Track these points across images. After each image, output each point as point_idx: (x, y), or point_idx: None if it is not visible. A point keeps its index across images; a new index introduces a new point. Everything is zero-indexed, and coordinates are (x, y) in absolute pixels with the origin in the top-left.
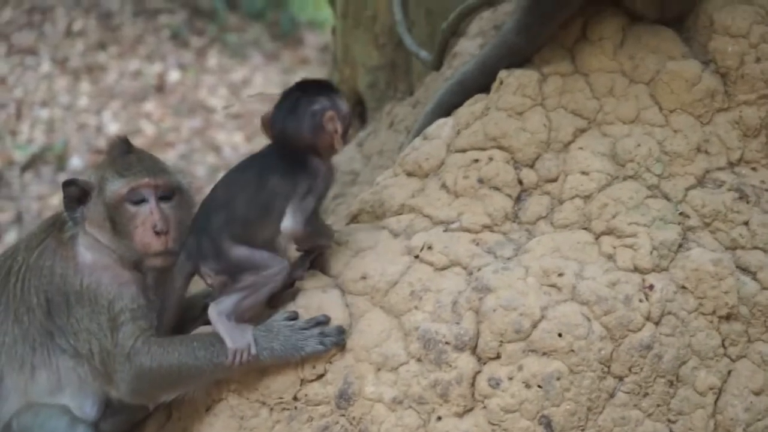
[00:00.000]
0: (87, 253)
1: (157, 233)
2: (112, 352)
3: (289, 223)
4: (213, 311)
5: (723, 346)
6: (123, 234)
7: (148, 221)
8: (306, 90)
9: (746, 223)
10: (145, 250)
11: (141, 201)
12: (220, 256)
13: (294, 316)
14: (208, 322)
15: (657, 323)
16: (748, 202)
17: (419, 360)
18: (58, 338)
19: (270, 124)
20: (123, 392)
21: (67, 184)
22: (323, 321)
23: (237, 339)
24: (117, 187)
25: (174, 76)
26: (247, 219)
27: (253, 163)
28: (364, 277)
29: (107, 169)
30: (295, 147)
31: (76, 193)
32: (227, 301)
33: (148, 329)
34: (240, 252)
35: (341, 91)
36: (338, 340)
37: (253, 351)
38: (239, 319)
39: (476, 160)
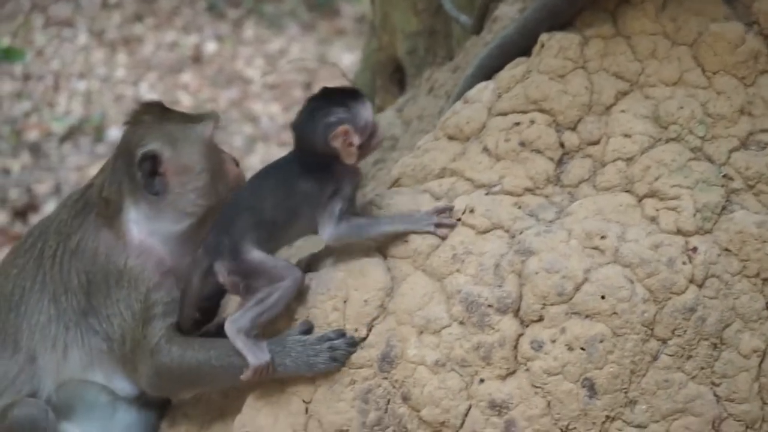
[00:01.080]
0: (136, 231)
1: (237, 164)
2: (140, 343)
3: (323, 233)
4: (231, 329)
5: (767, 308)
6: (216, 179)
7: (227, 156)
8: (325, 99)
9: None
10: (237, 182)
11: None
12: (237, 257)
13: (308, 330)
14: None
15: (700, 286)
16: None
17: (461, 323)
18: (92, 319)
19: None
20: (144, 384)
21: (143, 159)
22: (333, 337)
23: (258, 356)
24: (206, 128)
25: (210, 47)
26: (275, 223)
27: (279, 169)
28: (406, 241)
29: (166, 127)
30: (315, 154)
31: (152, 165)
32: (244, 318)
33: (173, 327)
34: (257, 256)
35: (365, 98)
36: (350, 352)
37: (273, 368)
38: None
39: (517, 123)
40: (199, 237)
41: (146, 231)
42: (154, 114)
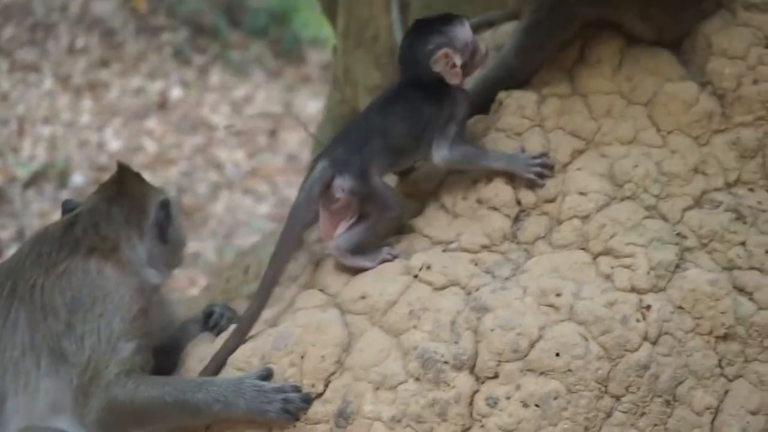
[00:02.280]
0: (135, 258)
1: None
2: (101, 373)
3: (437, 155)
4: (336, 250)
5: (720, 366)
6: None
7: None
8: (420, 28)
9: (743, 244)
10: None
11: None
12: (364, 178)
13: (266, 375)
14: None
15: (654, 343)
16: (745, 223)
17: (417, 379)
18: (65, 341)
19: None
20: (91, 420)
21: (167, 203)
22: (289, 391)
23: (373, 259)
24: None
25: (176, 93)
26: (403, 149)
27: (402, 93)
28: (363, 297)
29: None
30: (425, 83)
31: (166, 215)
32: (350, 239)
33: (139, 365)
34: (379, 183)
35: (461, 19)
36: (303, 407)
37: (394, 252)
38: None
39: (475, 181)
40: (162, 295)
41: (141, 270)
42: (132, 174)
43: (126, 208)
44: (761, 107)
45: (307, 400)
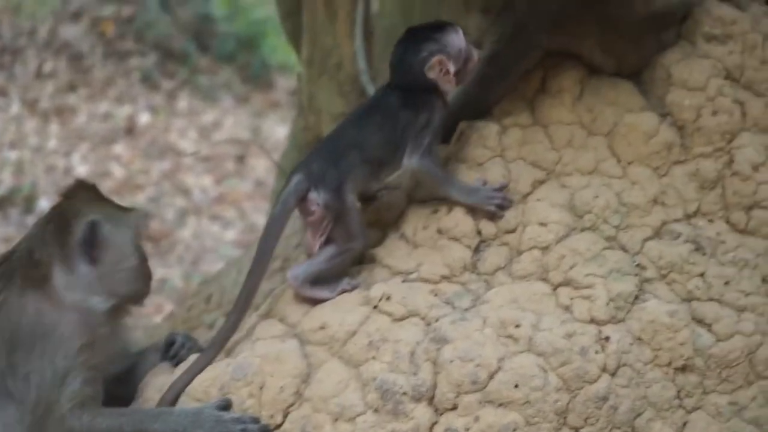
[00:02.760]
0: (67, 295)
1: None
2: (52, 407)
3: (409, 159)
4: (294, 281)
5: (678, 397)
6: (141, 267)
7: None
8: (414, 36)
9: (702, 275)
10: (148, 278)
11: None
12: (339, 192)
13: (225, 406)
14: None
15: (613, 375)
16: (704, 254)
17: (376, 410)
18: (9, 380)
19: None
20: None
21: (93, 226)
22: (248, 421)
23: (333, 289)
24: (140, 219)
25: (144, 118)
26: (381, 161)
27: (381, 105)
28: (322, 327)
29: (104, 206)
30: (416, 88)
31: (91, 237)
32: (309, 270)
33: (91, 397)
34: (352, 205)
35: (454, 26)
36: None
37: (354, 283)
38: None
39: (436, 211)
40: (119, 323)
41: (77, 296)
42: (89, 193)
43: (58, 230)
44: (720, 138)
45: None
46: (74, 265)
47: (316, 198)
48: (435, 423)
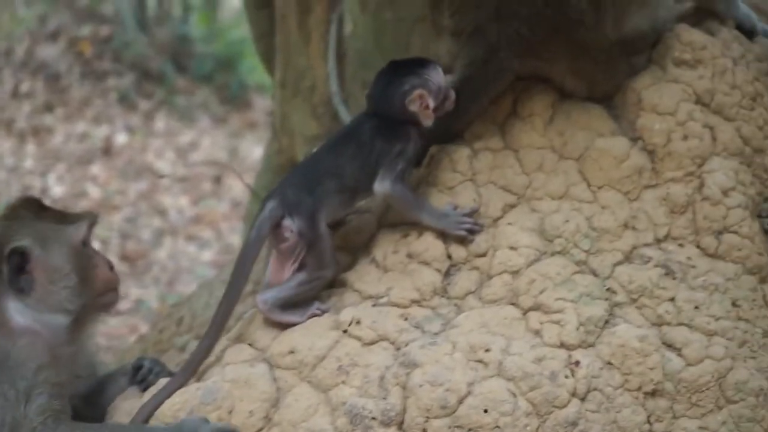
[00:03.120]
0: (20, 317)
1: (111, 268)
2: (20, 423)
3: (381, 185)
4: (263, 305)
5: (648, 422)
6: (84, 281)
7: (100, 259)
8: (396, 70)
9: (672, 300)
10: (107, 287)
11: (85, 243)
12: (313, 221)
13: (205, 421)
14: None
15: (582, 399)
16: (674, 279)
17: None
18: None
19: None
20: None
21: (13, 254)
22: None
23: (302, 314)
24: (77, 232)
25: (121, 138)
26: (356, 189)
27: (357, 133)
28: (292, 352)
29: (39, 225)
30: (394, 119)
31: (20, 261)
32: (278, 295)
33: (60, 411)
34: (325, 234)
35: (435, 63)
36: None
37: (323, 307)
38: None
39: (406, 235)
40: (83, 332)
41: (30, 318)
42: (30, 210)
43: None
44: (691, 163)
45: None
46: (13, 289)
47: (291, 225)
48: None
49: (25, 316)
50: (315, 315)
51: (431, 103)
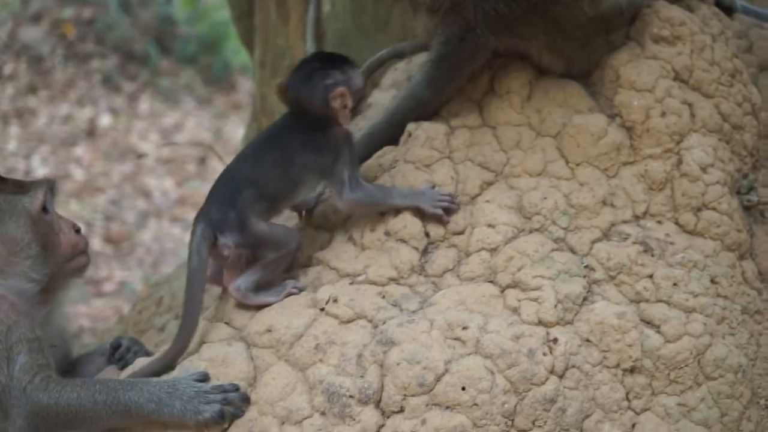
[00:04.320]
0: None
1: (77, 231)
2: (8, 386)
3: (340, 200)
4: (237, 293)
5: (627, 399)
6: (47, 249)
7: (63, 223)
8: (323, 62)
9: (650, 276)
10: (74, 251)
11: (46, 210)
12: (245, 230)
13: (203, 378)
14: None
15: (561, 376)
16: (652, 255)
17: (323, 413)
18: None
19: (286, 89)
20: (19, 427)
21: None
22: (229, 389)
23: (278, 293)
24: (32, 201)
25: (105, 120)
26: (276, 195)
27: (275, 139)
28: (269, 330)
29: None
30: (310, 114)
31: None
32: (249, 281)
33: (45, 366)
34: (262, 228)
35: (356, 64)
36: (238, 412)
37: (300, 286)
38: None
39: (383, 213)
40: (54, 298)
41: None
42: None
43: None
44: (669, 140)
45: (246, 399)
46: None
47: (225, 242)
48: (382, 426)
49: None
50: (291, 294)
51: (350, 103)
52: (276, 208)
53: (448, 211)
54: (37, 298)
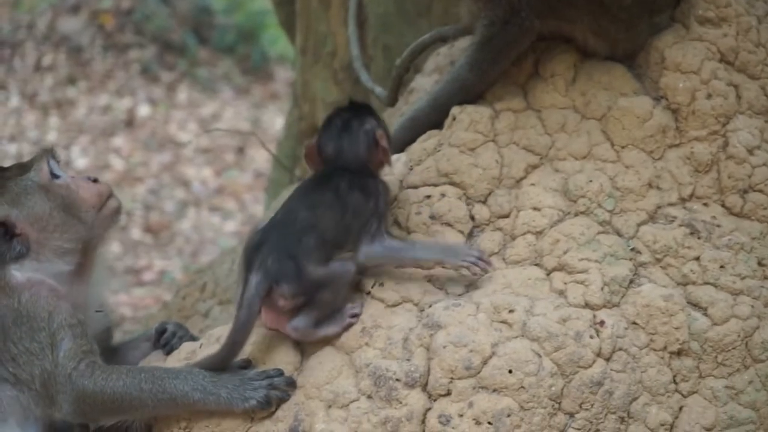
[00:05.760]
0: (18, 274)
1: (95, 181)
2: (53, 373)
3: (359, 252)
4: (296, 332)
5: (674, 381)
6: (73, 210)
7: (79, 180)
8: (351, 112)
9: (697, 259)
10: (100, 201)
11: (55, 176)
12: (303, 279)
13: (246, 365)
14: None
15: (608, 359)
16: (699, 238)
17: (369, 397)
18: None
19: (319, 148)
20: (65, 412)
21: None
22: (273, 375)
23: (341, 323)
24: (38, 173)
25: (144, 110)
26: (336, 242)
27: (328, 182)
28: None
29: (3, 190)
30: (349, 167)
31: (2, 233)
32: (307, 317)
33: (90, 352)
34: (320, 272)
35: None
36: (284, 396)
37: (357, 311)
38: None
39: (428, 196)
40: (91, 264)
41: (29, 271)
42: None
43: None
44: (715, 122)
45: (291, 383)
46: (13, 258)
47: (282, 292)
48: (429, 409)
49: (24, 270)
50: (351, 323)
51: (387, 146)
52: (334, 254)
53: (477, 266)
54: (75, 278)
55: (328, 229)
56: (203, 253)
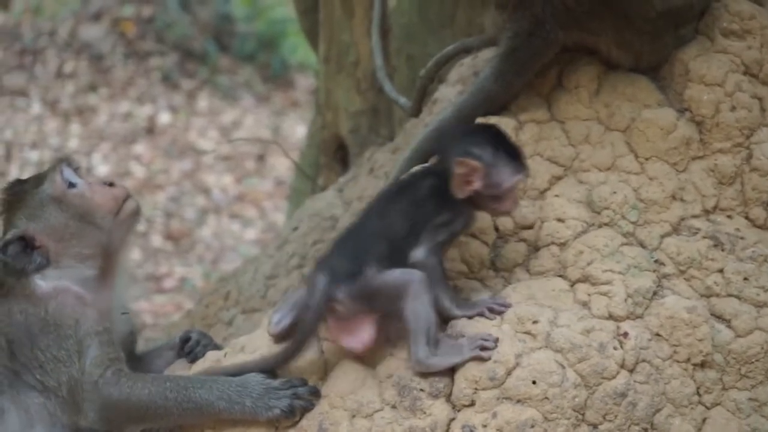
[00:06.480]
0: (43, 283)
1: (110, 185)
2: (80, 380)
3: (417, 251)
4: (419, 366)
5: (698, 393)
6: (89, 217)
7: (94, 185)
8: (484, 133)
9: (721, 271)
10: (116, 204)
11: (71, 185)
12: (360, 281)
13: (271, 375)
14: None
15: (631, 371)
16: (722, 250)
17: (394, 407)
18: (25, 376)
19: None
20: (91, 420)
21: (6, 245)
22: (297, 384)
23: (462, 353)
24: (52, 184)
25: (164, 118)
26: (402, 249)
27: (408, 188)
28: None
29: (22, 204)
30: (441, 170)
31: (22, 246)
32: (418, 347)
33: (116, 359)
34: (378, 277)
35: (524, 162)
36: (308, 405)
37: (491, 344)
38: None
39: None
40: (114, 270)
41: (54, 279)
42: (9, 196)
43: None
44: (739, 134)
45: (315, 393)
46: (34, 270)
47: (343, 297)
48: (453, 419)
49: (48, 279)
50: (487, 348)
51: (477, 185)
52: (401, 261)
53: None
54: (99, 284)
55: (400, 238)
56: (223, 260)
